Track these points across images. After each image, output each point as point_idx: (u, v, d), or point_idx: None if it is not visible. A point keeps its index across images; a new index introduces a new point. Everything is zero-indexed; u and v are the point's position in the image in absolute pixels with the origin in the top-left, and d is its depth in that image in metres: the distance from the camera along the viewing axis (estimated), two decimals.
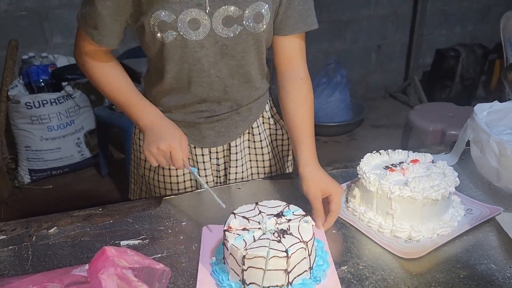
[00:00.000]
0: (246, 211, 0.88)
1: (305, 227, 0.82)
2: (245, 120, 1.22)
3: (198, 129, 1.19)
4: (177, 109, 1.16)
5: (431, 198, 0.91)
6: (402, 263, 0.87)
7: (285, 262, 0.75)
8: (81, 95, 3.06)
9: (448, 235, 0.92)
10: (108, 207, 1.08)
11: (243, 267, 0.77)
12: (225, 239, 0.81)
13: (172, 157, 0.99)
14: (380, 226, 0.95)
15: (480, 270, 0.84)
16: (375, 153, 1.08)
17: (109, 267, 0.56)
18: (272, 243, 0.78)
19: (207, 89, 1.11)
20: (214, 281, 0.82)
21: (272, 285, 0.77)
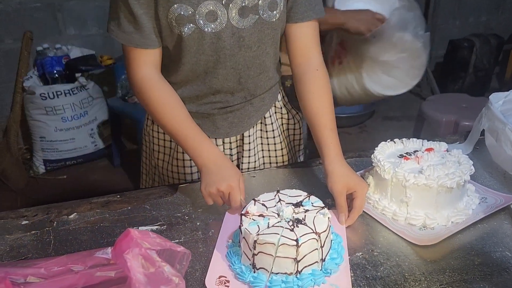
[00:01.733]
0: (266, 199, 0.89)
1: (320, 219, 0.82)
2: (258, 110, 1.23)
3: (212, 120, 1.21)
4: (190, 100, 1.17)
5: (446, 186, 0.92)
6: (416, 250, 0.87)
7: (295, 250, 0.76)
8: (94, 86, 3.10)
9: (462, 223, 0.93)
10: (126, 194, 1.11)
11: (254, 252, 0.79)
12: (241, 223, 0.83)
13: (230, 197, 0.98)
14: (394, 214, 0.96)
15: (495, 258, 0.84)
16: (389, 142, 1.08)
17: (134, 248, 0.58)
18: (285, 231, 0.79)
19: (222, 81, 1.12)
20: (227, 262, 0.85)
21: (281, 271, 0.78)
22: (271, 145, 1.29)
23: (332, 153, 1.03)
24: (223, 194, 0.98)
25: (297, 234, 0.78)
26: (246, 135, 1.24)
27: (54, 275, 0.70)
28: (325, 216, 0.82)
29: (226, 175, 0.99)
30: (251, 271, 0.81)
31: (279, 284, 0.77)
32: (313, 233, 0.78)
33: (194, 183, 1.15)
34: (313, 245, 0.78)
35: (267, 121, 1.26)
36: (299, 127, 1.33)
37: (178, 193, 1.10)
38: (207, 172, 1.01)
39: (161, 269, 0.58)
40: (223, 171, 1.00)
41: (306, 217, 0.83)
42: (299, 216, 0.83)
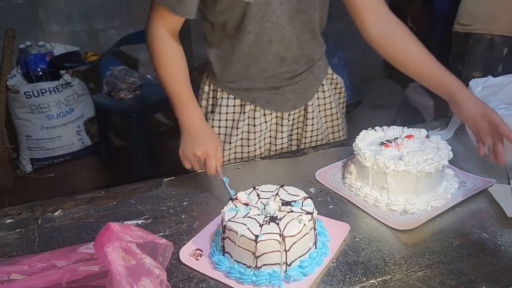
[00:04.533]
0: (265, 190, 0.90)
1: (295, 224, 0.79)
2: (317, 78, 1.29)
3: (281, 94, 1.23)
4: (257, 75, 1.20)
5: (425, 171, 0.93)
6: (397, 234, 0.89)
7: (254, 246, 0.76)
8: (80, 83, 3.07)
9: (441, 207, 0.95)
10: (111, 189, 1.11)
11: (223, 235, 0.82)
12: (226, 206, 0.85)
13: (206, 163, 1.01)
14: (376, 201, 0.98)
15: (472, 239, 0.87)
16: (370, 130, 1.10)
17: (115, 241, 0.59)
18: (254, 225, 0.79)
19: (287, 46, 1.16)
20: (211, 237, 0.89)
21: (242, 262, 0.79)
22: (328, 110, 1.35)
23: (459, 83, 1.06)
24: (199, 159, 1.02)
25: (262, 231, 0.77)
26: (310, 104, 1.29)
27: (37, 271, 0.71)
28: (301, 222, 0.79)
29: (204, 141, 1.04)
30: (220, 253, 0.83)
31: (236, 273, 0.79)
32: (277, 234, 0.77)
33: (180, 176, 1.16)
34: (274, 246, 0.77)
35: (325, 88, 1.32)
36: (344, 90, 1.42)
37: (163, 187, 1.11)
38: (187, 135, 1.06)
39: (142, 261, 0.59)
40: (202, 137, 1.05)
41: (284, 218, 0.81)
42: (280, 215, 0.82)
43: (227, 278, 0.80)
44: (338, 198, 1.03)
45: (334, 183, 1.07)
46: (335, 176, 1.10)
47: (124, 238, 0.60)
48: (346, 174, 1.08)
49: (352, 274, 0.80)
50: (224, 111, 1.26)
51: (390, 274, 0.79)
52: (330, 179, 1.09)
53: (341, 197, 1.03)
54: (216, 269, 0.81)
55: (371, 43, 1.17)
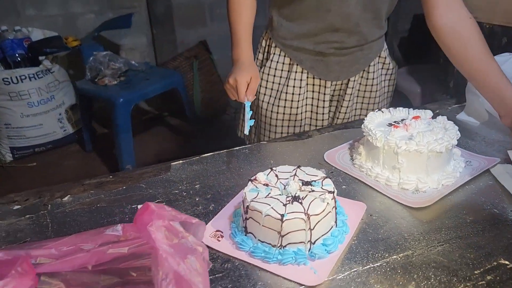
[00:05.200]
0: (283, 171, 0.90)
1: (318, 203, 0.80)
2: (366, 58, 1.33)
3: (326, 62, 1.30)
4: (308, 37, 1.26)
5: (436, 150, 0.96)
6: (412, 212, 0.92)
7: (279, 225, 0.77)
8: (60, 69, 2.99)
9: (452, 185, 0.98)
10: (119, 174, 1.09)
11: (246, 216, 0.82)
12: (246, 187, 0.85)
13: (237, 90, 1.11)
14: (387, 180, 1.00)
15: (485, 215, 0.90)
16: (377, 112, 1.12)
17: (156, 220, 0.58)
18: (278, 204, 0.80)
19: (344, 19, 1.20)
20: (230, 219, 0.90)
21: (266, 241, 0.80)
22: (367, 92, 1.40)
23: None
24: (232, 87, 1.12)
25: (286, 210, 0.78)
26: (352, 80, 1.34)
27: (64, 254, 0.69)
28: (324, 201, 0.80)
29: (239, 71, 1.13)
30: (243, 234, 0.83)
31: (260, 252, 0.79)
32: (302, 213, 0.77)
33: (186, 160, 1.14)
34: (299, 224, 0.77)
35: (371, 69, 1.36)
36: (394, 78, 1.46)
37: (172, 171, 1.09)
38: (233, 69, 1.16)
39: (185, 239, 0.59)
40: (239, 68, 1.14)
41: (306, 197, 0.82)
42: (301, 194, 0.83)
43: (251, 258, 0.80)
44: (349, 178, 1.04)
45: (344, 164, 1.09)
46: (344, 157, 1.12)
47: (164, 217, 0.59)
48: (355, 155, 1.09)
49: (374, 251, 0.81)
50: (274, 66, 1.36)
51: (411, 249, 0.81)
52: (339, 160, 1.10)
53: (352, 177, 1.04)
54: (240, 249, 0.81)
55: (433, 31, 1.17)
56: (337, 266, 0.78)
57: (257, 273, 0.78)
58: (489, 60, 1.09)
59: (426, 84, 2.38)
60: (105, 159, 2.98)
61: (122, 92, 2.58)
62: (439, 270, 0.76)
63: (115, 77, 2.68)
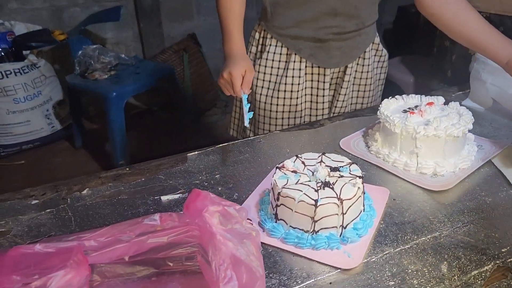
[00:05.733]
0: (309, 158, 0.91)
1: (349, 187, 0.81)
2: (363, 42, 1.33)
3: (326, 48, 1.28)
4: (307, 24, 1.24)
5: (453, 135, 0.98)
6: (432, 195, 0.94)
7: (313, 210, 0.77)
8: (46, 64, 2.90)
9: (468, 169, 1.00)
10: (135, 166, 1.07)
11: (277, 203, 0.82)
12: (274, 174, 0.85)
13: (232, 84, 1.07)
14: (406, 165, 1.02)
15: (502, 196, 0.93)
16: (391, 99, 1.13)
17: (211, 205, 0.58)
18: (310, 190, 0.81)
19: (344, 2, 1.19)
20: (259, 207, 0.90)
21: (299, 227, 0.81)
22: (363, 79, 1.40)
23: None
24: (226, 81, 1.08)
25: (319, 196, 0.79)
26: (349, 66, 1.33)
27: (104, 246, 0.68)
28: (355, 186, 0.81)
29: (232, 64, 1.09)
30: (273, 221, 0.84)
31: (293, 238, 0.80)
32: (335, 198, 0.78)
33: (203, 151, 1.14)
34: (333, 209, 0.78)
35: (366, 55, 1.36)
36: (386, 65, 1.47)
37: (189, 162, 1.09)
38: (225, 63, 1.12)
39: (239, 224, 0.59)
40: (232, 62, 1.10)
41: (336, 182, 0.83)
42: (331, 180, 0.83)
43: (284, 244, 0.80)
44: (367, 165, 1.06)
45: (360, 151, 1.10)
46: (359, 144, 1.13)
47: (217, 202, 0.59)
48: (371, 142, 1.11)
49: (403, 233, 0.83)
50: (270, 57, 1.32)
51: (438, 231, 0.83)
52: (354, 147, 1.12)
53: (370, 164, 1.06)
54: (271, 236, 0.82)
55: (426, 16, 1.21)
56: (369, 249, 0.80)
57: (292, 258, 0.78)
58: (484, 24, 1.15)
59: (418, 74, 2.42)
60: (95, 155, 2.93)
61: (114, 86, 2.53)
62: (467, 249, 0.79)
63: (105, 71, 2.62)
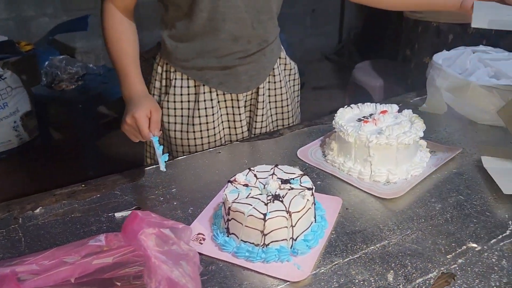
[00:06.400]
0: (261, 170, 0.91)
1: (298, 200, 0.81)
2: (270, 61, 1.30)
3: (234, 74, 1.23)
4: (210, 53, 1.19)
5: (404, 143, 1.00)
6: (384, 203, 0.95)
7: (262, 224, 0.78)
8: (12, 75, 2.84)
9: (420, 175, 1.02)
10: (91, 182, 1.06)
11: (228, 217, 0.83)
12: (225, 188, 0.86)
13: (138, 128, 1.00)
14: (360, 173, 1.03)
15: (451, 202, 0.95)
16: (347, 108, 1.15)
17: (147, 228, 0.58)
18: (259, 204, 0.81)
19: (240, 26, 1.15)
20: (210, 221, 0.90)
21: (249, 241, 0.81)
22: (278, 95, 1.36)
23: None
24: (131, 126, 1.02)
25: (268, 209, 0.79)
26: (261, 87, 1.29)
27: (47, 269, 0.67)
28: (304, 198, 0.82)
29: (134, 107, 1.03)
30: (225, 235, 0.84)
31: (244, 252, 0.80)
32: (284, 211, 0.79)
33: None
34: (282, 222, 0.79)
35: (275, 72, 1.33)
36: (298, 76, 1.45)
37: (146, 176, 1.08)
38: (127, 106, 1.07)
39: (176, 245, 0.59)
40: (134, 105, 1.04)
41: (286, 195, 0.83)
42: (282, 193, 0.84)
43: (235, 258, 0.81)
44: (323, 174, 1.07)
45: (317, 160, 1.11)
46: (316, 154, 1.14)
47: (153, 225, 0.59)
48: (327, 151, 1.12)
49: (353, 243, 0.84)
50: (178, 92, 1.25)
51: (387, 239, 0.85)
52: (312, 157, 1.13)
53: (326, 173, 1.07)
54: (223, 251, 0.82)
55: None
56: (319, 260, 0.81)
57: (242, 273, 0.79)
58: None
59: (386, 78, 2.46)
60: (65, 166, 2.88)
61: (81, 96, 2.51)
62: (414, 257, 0.80)
63: (72, 81, 2.60)
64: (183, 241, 0.64)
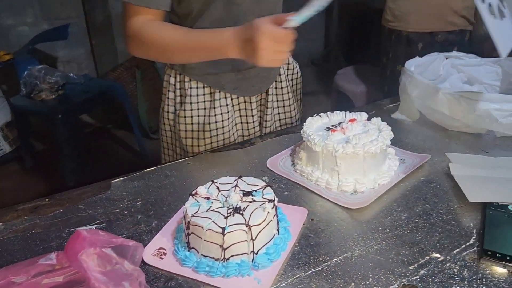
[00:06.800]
0: (224, 183, 0.90)
1: (259, 212, 0.80)
2: None
3: (247, 78, 1.27)
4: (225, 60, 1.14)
5: (371, 152, 0.99)
6: (351, 213, 0.95)
7: (221, 238, 0.77)
8: None
9: (387, 184, 1.02)
10: (56, 196, 1.04)
11: (188, 231, 0.81)
12: (187, 201, 0.85)
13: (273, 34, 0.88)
14: (327, 183, 1.02)
15: (417, 211, 0.94)
16: (316, 116, 1.14)
17: (88, 248, 0.56)
18: (219, 217, 0.80)
19: None
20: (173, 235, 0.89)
21: (209, 255, 0.79)
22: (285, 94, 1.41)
23: None
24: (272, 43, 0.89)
25: (228, 223, 0.78)
26: (270, 87, 1.35)
27: None
28: (265, 210, 0.81)
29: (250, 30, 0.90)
30: (186, 249, 0.83)
31: (204, 267, 0.79)
32: (243, 224, 0.78)
33: (127, 176, 1.12)
34: (241, 236, 0.77)
35: (280, 71, 1.37)
36: (299, 76, 1.48)
37: (112, 189, 1.07)
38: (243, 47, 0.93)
39: (119, 265, 0.57)
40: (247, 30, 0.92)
41: (247, 207, 0.82)
42: (243, 205, 0.83)
43: (195, 274, 0.79)
44: (291, 184, 1.06)
45: (286, 170, 1.10)
46: (286, 163, 1.13)
47: (96, 244, 0.57)
48: (296, 160, 1.11)
49: (316, 255, 0.83)
50: (194, 100, 1.27)
51: (351, 251, 0.84)
52: (281, 167, 1.12)
53: (294, 183, 1.06)
54: (183, 266, 0.81)
55: None
56: (280, 274, 0.79)
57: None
58: None
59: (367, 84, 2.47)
60: (47, 176, 2.85)
61: (61, 106, 2.48)
62: (376, 269, 0.79)
63: (52, 91, 2.57)
64: (134, 259, 0.63)
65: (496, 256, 0.79)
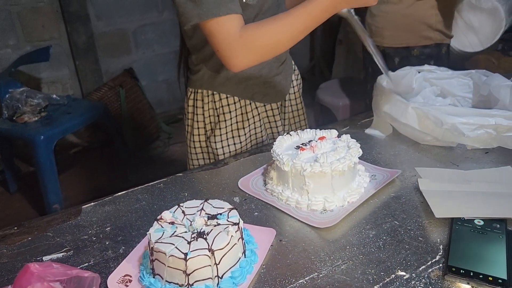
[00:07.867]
0: (190, 206, 0.89)
1: (223, 236, 0.80)
2: (291, 65, 1.49)
3: (273, 85, 1.37)
4: (257, 67, 1.30)
5: (339, 170, 1.00)
6: (319, 233, 0.94)
7: (184, 264, 0.76)
8: None
9: (357, 202, 1.02)
10: (24, 224, 1.04)
11: (152, 258, 0.81)
12: (151, 227, 0.84)
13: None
14: (297, 203, 1.02)
15: (386, 228, 0.94)
16: (286, 135, 1.15)
17: (35, 283, 0.55)
18: (182, 243, 0.79)
19: None
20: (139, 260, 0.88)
21: (174, 281, 0.79)
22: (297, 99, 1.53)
23: None
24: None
25: (191, 248, 0.77)
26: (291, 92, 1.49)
27: None
28: (229, 234, 0.80)
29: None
30: (151, 276, 0.82)
31: None
32: (206, 249, 0.77)
33: (98, 201, 1.11)
34: (204, 261, 0.77)
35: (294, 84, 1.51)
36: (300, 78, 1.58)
37: (82, 215, 1.06)
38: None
39: None
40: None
41: (211, 231, 0.81)
42: (207, 229, 0.82)
43: None
44: (262, 204, 1.06)
45: (257, 190, 1.10)
46: (257, 183, 1.14)
47: (46, 278, 0.57)
48: (267, 180, 1.11)
49: (282, 277, 0.83)
50: (228, 117, 1.36)
51: (317, 271, 0.84)
52: (252, 186, 1.12)
53: (265, 203, 1.06)
54: None
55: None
56: None
57: None
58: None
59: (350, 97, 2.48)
60: (32, 199, 2.83)
61: (42, 129, 2.47)
62: None
63: (35, 113, 2.56)
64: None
65: (460, 272, 0.79)
